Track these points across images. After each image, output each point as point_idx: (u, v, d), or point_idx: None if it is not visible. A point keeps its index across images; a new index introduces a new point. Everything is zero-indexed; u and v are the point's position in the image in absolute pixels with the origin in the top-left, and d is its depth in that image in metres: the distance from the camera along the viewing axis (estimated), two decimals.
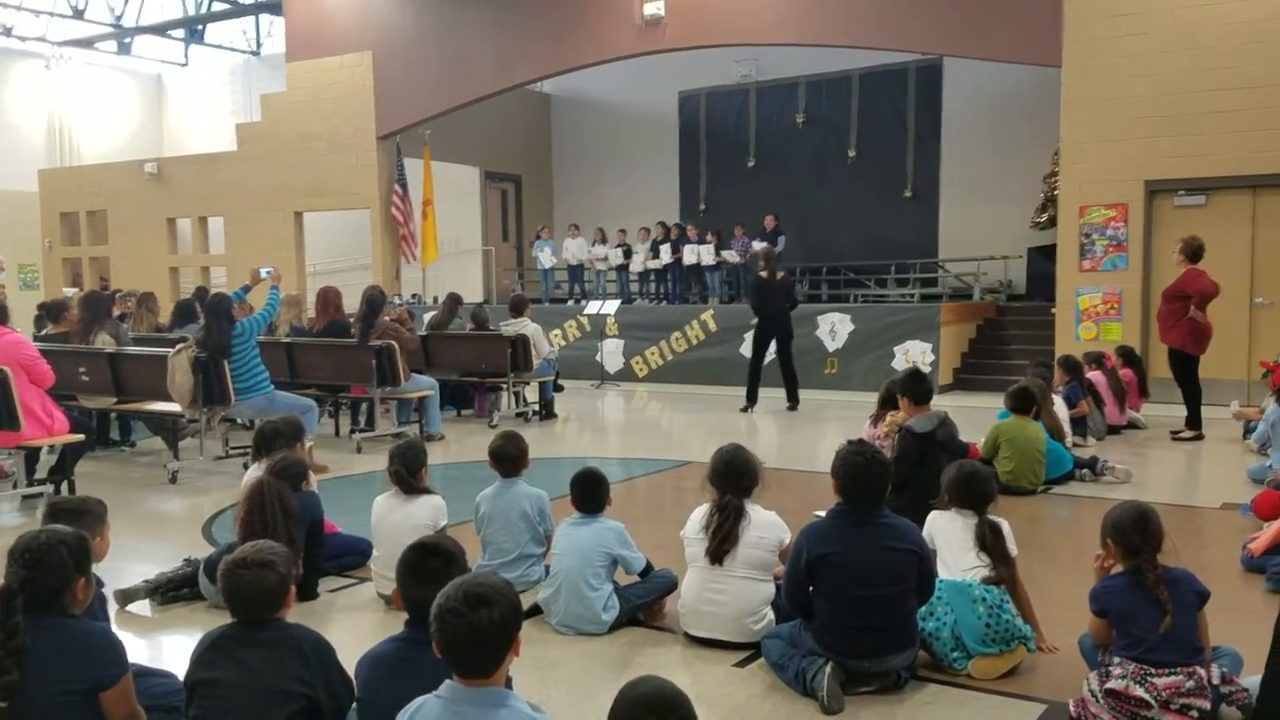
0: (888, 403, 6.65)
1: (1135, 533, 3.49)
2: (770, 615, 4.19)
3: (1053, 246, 14.69)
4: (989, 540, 4.06)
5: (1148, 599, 3.41)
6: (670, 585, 4.60)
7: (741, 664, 4.09)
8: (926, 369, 12.88)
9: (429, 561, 2.84)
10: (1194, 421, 9.44)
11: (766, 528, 4.23)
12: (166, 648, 4.58)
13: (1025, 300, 15.54)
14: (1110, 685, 3.38)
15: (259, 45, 24.60)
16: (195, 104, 24.77)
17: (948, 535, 4.12)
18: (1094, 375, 9.58)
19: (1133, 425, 9.97)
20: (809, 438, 10.31)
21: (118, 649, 2.90)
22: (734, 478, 4.26)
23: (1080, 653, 3.77)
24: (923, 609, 3.91)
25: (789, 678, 3.80)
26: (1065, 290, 12.46)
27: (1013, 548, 4.11)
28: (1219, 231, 10.95)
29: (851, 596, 3.70)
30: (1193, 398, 9.39)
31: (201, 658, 2.90)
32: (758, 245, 14.20)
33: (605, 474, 4.69)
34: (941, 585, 3.95)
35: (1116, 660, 3.48)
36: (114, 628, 4.72)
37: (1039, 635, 4.07)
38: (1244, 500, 6.61)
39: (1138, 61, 11.71)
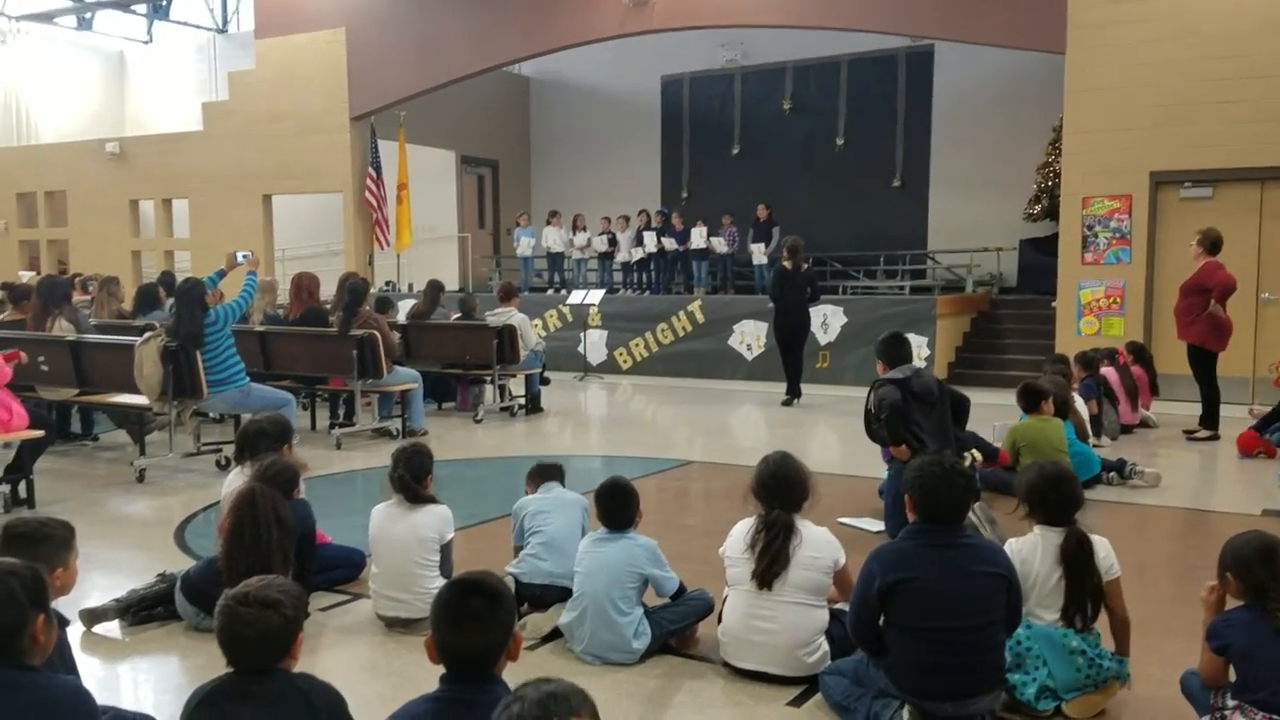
0: None
1: (1262, 568, 3.06)
2: (825, 645, 3.74)
3: (1046, 238, 14.41)
4: (1073, 555, 3.54)
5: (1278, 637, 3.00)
6: (706, 608, 4.12)
7: (796, 702, 3.64)
8: (922, 363, 12.48)
9: (471, 602, 2.30)
10: (1210, 420, 9.10)
11: (821, 547, 3.78)
12: (140, 679, 4.06)
13: (1016, 293, 15.19)
14: None
15: (225, 23, 23.82)
16: (159, 83, 23.92)
17: (1033, 572, 3.52)
18: (1106, 372, 9.21)
19: (1144, 424, 9.63)
20: (806, 435, 9.90)
21: (89, 709, 2.39)
22: (783, 490, 3.81)
23: (1183, 692, 3.34)
24: (1010, 660, 3.44)
25: None
26: (1067, 284, 12.09)
27: (1116, 568, 3.60)
28: (1225, 225, 10.44)
29: (932, 629, 3.23)
30: (1210, 396, 9.06)
31: (191, 718, 2.41)
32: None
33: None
34: (1032, 634, 3.48)
35: (1233, 704, 3.07)
36: (78, 653, 4.22)
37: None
38: None
39: (1143, 48, 11.37)
